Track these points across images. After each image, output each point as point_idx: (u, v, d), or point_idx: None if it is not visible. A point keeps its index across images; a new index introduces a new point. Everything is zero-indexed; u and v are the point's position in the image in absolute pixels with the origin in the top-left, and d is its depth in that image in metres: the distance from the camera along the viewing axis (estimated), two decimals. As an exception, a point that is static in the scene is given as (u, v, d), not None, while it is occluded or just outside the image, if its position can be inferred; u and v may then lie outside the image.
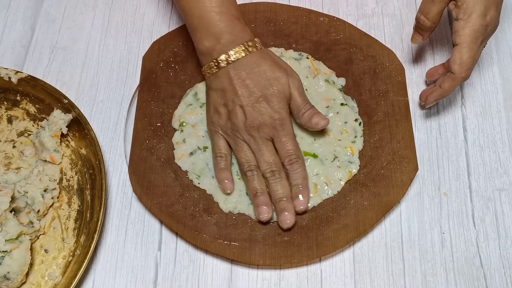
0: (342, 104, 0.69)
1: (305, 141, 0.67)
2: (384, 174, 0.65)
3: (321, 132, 0.67)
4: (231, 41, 0.62)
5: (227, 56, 0.62)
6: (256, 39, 0.64)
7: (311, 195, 0.64)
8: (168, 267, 0.62)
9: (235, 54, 0.62)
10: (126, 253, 0.63)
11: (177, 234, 0.63)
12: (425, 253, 0.63)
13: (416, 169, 0.65)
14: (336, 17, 0.74)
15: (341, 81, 0.71)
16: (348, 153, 0.66)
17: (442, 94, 0.65)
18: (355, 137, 0.68)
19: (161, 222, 0.64)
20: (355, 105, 0.70)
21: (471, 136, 0.70)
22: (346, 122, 0.68)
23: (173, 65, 0.72)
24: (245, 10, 0.75)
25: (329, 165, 0.66)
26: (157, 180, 0.65)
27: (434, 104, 0.69)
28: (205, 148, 0.67)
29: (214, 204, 0.64)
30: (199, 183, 0.65)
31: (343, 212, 0.63)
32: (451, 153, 0.69)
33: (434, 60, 0.74)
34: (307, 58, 0.72)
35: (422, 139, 0.69)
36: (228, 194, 0.64)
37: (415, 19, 0.66)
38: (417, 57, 0.75)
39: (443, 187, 0.66)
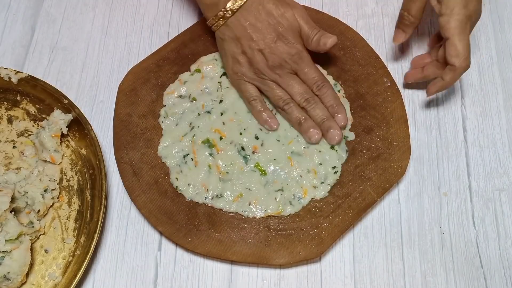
0: (332, 147, 0.66)
1: (264, 157, 0.65)
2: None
3: (285, 158, 0.65)
4: None
5: (233, 2, 0.64)
6: None
7: (259, 206, 0.64)
8: (168, 267, 0.62)
9: (239, 0, 0.64)
10: (126, 253, 0.63)
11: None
12: (425, 253, 0.63)
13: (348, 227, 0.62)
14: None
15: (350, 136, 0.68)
16: (299, 194, 0.64)
17: (444, 86, 0.65)
18: (321, 183, 0.64)
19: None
20: (344, 156, 0.66)
21: (471, 136, 0.70)
22: (320, 164, 0.65)
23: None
24: None
25: (268, 192, 0.64)
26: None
27: (434, 97, 0.71)
28: (194, 99, 0.69)
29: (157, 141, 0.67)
30: (162, 122, 0.68)
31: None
32: (451, 153, 0.69)
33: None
34: (338, 92, 0.69)
35: (422, 139, 0.69)
36: (275, 129, 0.66)
37: (399, 16, 0.68)
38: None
39: (443, 187, 0.67)
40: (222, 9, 0.64)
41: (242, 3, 0.63)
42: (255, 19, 0.64)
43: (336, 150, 0.66)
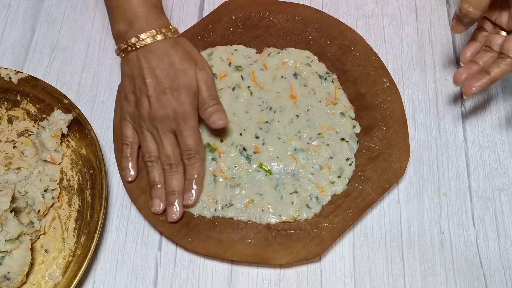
0: (342, 139, 0.66)
1: (266, 156, 0.65)
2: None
3: (288, 155, 0.65)
4: (144, 26, 0.62)
5: (137, 39, 0.62)
6: (172, 27, 0.64)
7: (269, 212, 0.63)
8: (168, 267, 0.62)
9: (146, 39, 0.61)
10: (126, 253, 0.63)
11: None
12: (424, 253, 0.63)
13: (334, 240, 0.62)
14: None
15: (357, 127, 0.68)
16: (316, 194, 0.63)
17: (490, 81, 0.61)
18: (338, 177, 0.64)
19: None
20: (356, 147, 0.66)
21: (470, 136, 0.70)
22: (331, 158, 0.65)
23: None
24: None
25: (280, 195, 0.63)
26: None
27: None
28: None
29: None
30: None
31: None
32: (451, 153, 0.69)
33: (434, 61, 0.74)
34: (332, 82, 0.69)
35: (422, 139, 0.69)
36: (130, 182, 0.64)
37: (459, 10, 0.60)
38: (417, 59, 0.75)
39: (443, 187, 0.67)
40: (125, 42, 0.62)
41: (144, 44, 0.61)
42: (156, 65, 0.61)
43: (348, 142, 0.65)
